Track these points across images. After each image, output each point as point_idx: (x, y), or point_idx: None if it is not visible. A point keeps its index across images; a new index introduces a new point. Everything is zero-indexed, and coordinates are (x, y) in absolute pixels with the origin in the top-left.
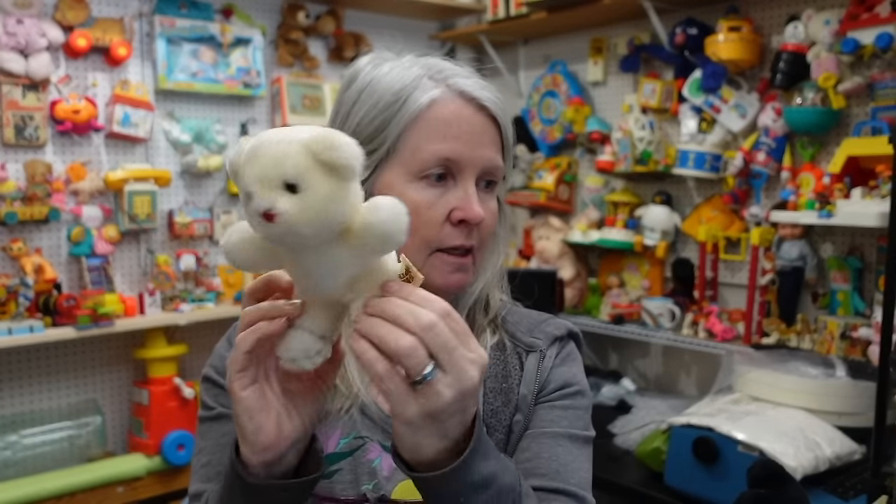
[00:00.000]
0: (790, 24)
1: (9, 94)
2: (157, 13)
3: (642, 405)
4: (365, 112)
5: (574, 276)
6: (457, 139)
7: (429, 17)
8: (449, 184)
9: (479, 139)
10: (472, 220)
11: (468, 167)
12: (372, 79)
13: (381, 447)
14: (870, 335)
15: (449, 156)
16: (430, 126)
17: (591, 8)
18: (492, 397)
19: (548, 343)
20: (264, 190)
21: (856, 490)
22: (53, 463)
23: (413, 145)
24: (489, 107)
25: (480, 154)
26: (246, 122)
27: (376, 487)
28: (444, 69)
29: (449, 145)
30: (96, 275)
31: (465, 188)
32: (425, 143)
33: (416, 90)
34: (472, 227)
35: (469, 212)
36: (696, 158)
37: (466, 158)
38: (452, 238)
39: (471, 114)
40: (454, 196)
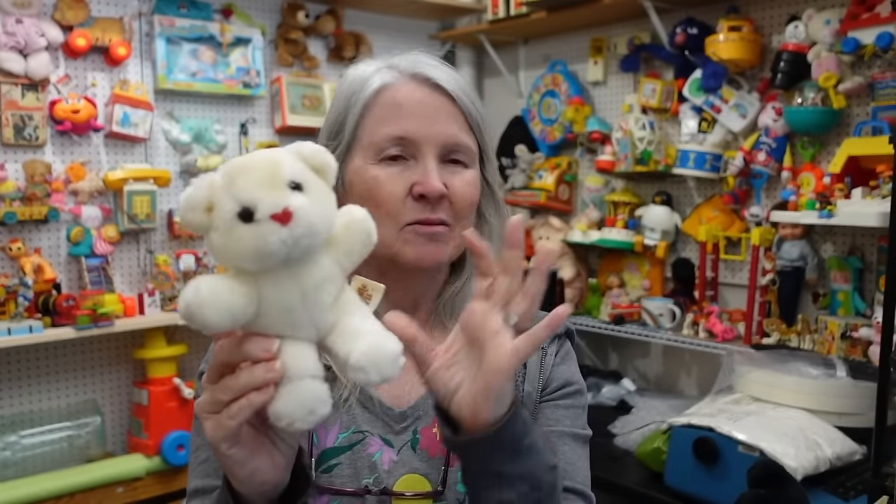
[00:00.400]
0: (790, 24)
1: (8, 93)
2: (156, 13)
3: (642, 405)
4: (332, 109)
5: (574, 276)
6: (408, 118)
7: (429, 17)
8: (410, 162)
9: (433, 117)
10: (430, 193)
11: (425, 144)
12: (344, 78)
13: (381, 441)
14: (870, 335)
15: (401, 135)
16: (382, 110)
17: (592, 8)
18: None
19: (548, 341)
20: (271, 192)
21: (856, 490)
22: (53, 463)
23: (369, 130)
24: (444, 85)
25: (437, 130)
26: (245, 121)
27: (377, 481)
28: (406, 59)
29: (401, 125)
30: (96, 275)
31: (425, 164)
32: (379, 127)
33: (370, 79)
34: (435, 202)
35: (426, 185)
36: (697, 158)
37: (422, 136)
38: (415, 212)
39: (424, 94)
40: (414, 172)
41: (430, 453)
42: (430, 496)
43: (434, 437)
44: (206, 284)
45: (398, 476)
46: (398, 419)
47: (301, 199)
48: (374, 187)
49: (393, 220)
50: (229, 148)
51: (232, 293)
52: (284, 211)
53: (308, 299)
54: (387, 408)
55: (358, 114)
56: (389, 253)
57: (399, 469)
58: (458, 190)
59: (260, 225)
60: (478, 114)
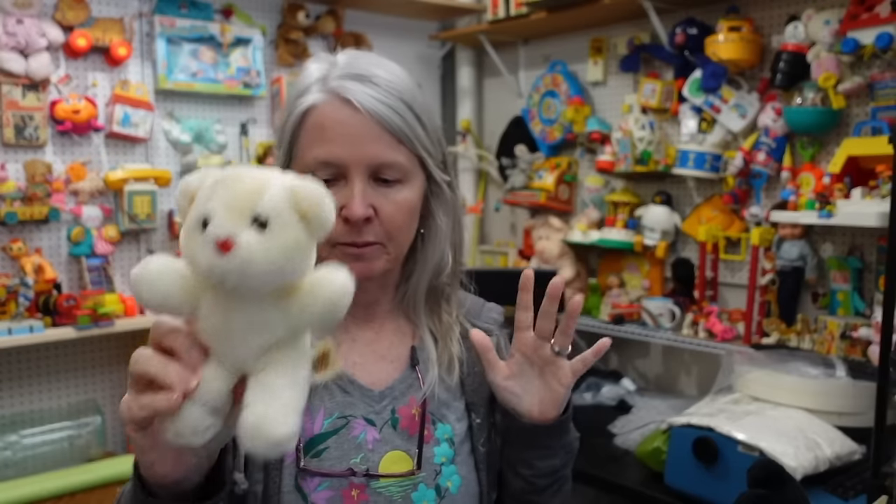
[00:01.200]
0: (790, 24)
1: (9, 94)
2: (156, 13)
3: (642, 405)
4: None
5: (574, 276)
6: (333, 142)
7: (429, 17)
8: (340, 184)
9: (359, 139)
10: (352, 217)
11: (352, 166)
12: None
13: (364, 421)
14: (870, 335)
15: (326, 159)
16: (308, 133)
17: (591, 8)
18: (469, 379)
19: (498, 328)
20: (229, 216)
21: (856, 490)
22: (53, 463)
23: (300, 152)
24: (364, 106)
25: (362, 153)
26: (246, 122)
27: (363, 460)
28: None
29: (325, 149)
30: (96, 275)
31: (352, 187)
32: (307, 150)
33: (302, 97)
34: (360, 225)
35: (350, 211)
36: (696, 158)
37: (347, 158)
38: (343, 236)
39: (348, 115)
40: (343, 195)
41: (409, 432)
42: (410, 475)
43: (412, 416)
44: (157, 264)
45: (383, 453)
46: (377, 399)
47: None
48: None
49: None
50: (230, 148)
51: (175, 282)
52: (226, 241)
53: (234, 335)
54: (366, 389)
55: (290, 134)
56: None
57: (382, 447)
58: (386, 211)
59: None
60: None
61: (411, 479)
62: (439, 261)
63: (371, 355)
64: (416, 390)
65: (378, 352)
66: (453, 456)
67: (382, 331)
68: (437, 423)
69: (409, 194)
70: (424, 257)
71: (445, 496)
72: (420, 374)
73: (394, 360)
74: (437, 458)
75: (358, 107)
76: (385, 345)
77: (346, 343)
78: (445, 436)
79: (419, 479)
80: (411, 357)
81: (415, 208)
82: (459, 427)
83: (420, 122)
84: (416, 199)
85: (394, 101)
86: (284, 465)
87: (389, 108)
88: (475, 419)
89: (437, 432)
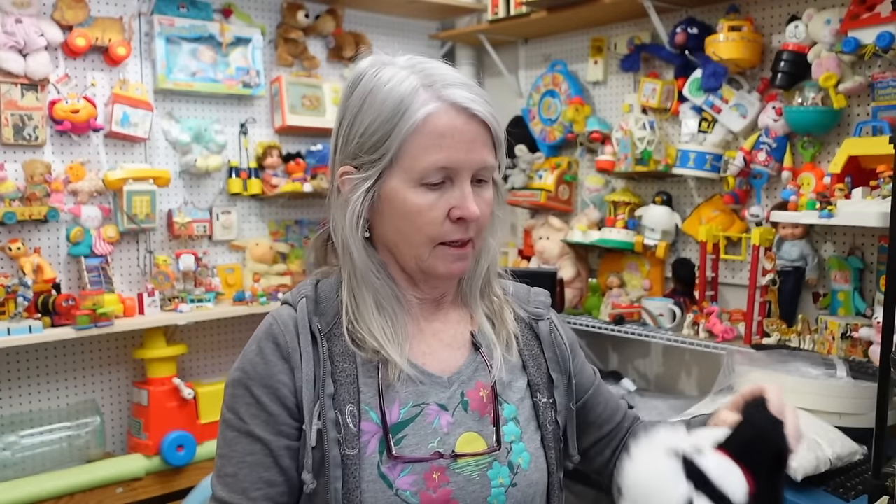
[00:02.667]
0: (791, 24)
1: (7, 93)
2: (156, 13)
3: (643, 405)
4: (369, 123)
5: (574, 276)
6: (451, 148)
7: (429, 17)
8: (447, 186)
9: (471, 145)
10: (469, 217)
11: (463, 170)
12: (373, 87)
13: (437, 407)
14: (871, 335)
15: (445, 164)
16: (426, 138)
17: (592, 7)
18: (530, 361)
19: (547, 310)
20: None
21: (857, 491)
22: (52, 463)
23: (413, 155)
24: (479, 114)
25: (473, 158)
26: (245, 121)
27: (440, 444)
28: (437, 78)
29: (445, 154)
30: (95, 275)
31: (462, 189)
32: (424, 154)
33: (413, 104)
34: (468, 223)
35: (465, 210)
36: (697, 158)
37: (461, 163)
38: (452, 233)
39: (463, 122)
40: (452, 197)
41: (480, 413)
42: (488, 453)
43: (480, 399)
44: None
45: (457, 435)
46: (447, 385)
47: None
48: (414, 212)
49: (429, 240)
50: (229, 148)
51: None
52: None
53: None
54: (436, 377)
55: (402, 137)
56: (422, 266)
57: (457, 429)
58: (483, 210)
59: None
60: (501, 131)
61: (487, 457)
62: (496, 251)
63: (438, 344)
64: (482, 372)
65: (444, 340)
66: (520, 434)
67: (447, 321)
68: (504, 403)
69: (490, 193)
70: (487, 249)
71: (518, 472)
72: (484, 356)
73: (459, 347)
74: (508, 437)
75: (474, 113)
76: (450, 333)
77: (416, 335)
78: (512, 415)
79: (493, 458)
80: (472, 342)
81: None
82: (523, 406)
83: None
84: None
85: (490, 107)
86: (364, 457)
87: (492, 115)
88: (540, 398)
89: (504, 412)
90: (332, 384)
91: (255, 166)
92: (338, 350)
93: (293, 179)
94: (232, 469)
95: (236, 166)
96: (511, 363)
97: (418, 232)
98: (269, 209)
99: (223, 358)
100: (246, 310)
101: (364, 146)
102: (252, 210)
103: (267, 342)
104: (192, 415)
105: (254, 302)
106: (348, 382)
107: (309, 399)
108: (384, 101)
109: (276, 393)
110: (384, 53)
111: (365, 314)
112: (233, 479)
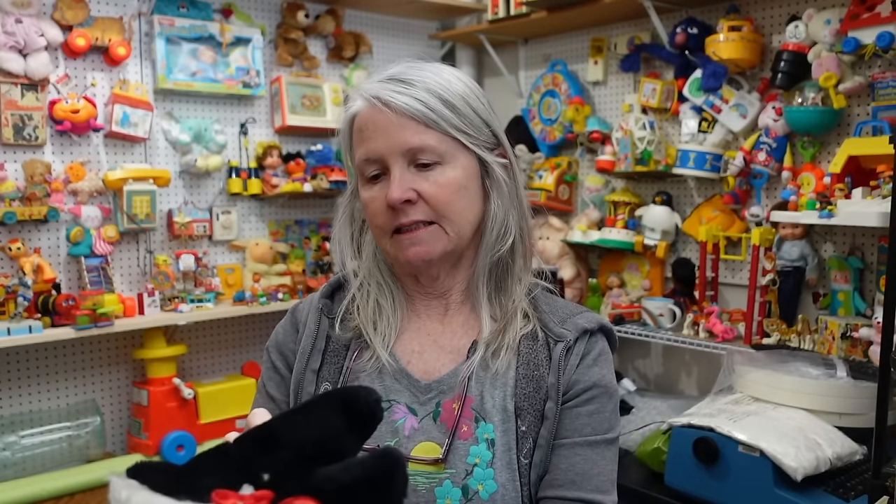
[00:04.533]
0: (791, 24)
1: (7, 93)
2: (156, 13)
3: (643, 405)
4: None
5: (574, 276)
6: (369, 139)
7: (429, 17)
8: (384, 178)
9: (390, 131)
10: (390, 202)
11: (389, 157)
12: None
13: (407, 409)
14: (871, 335)
15: (367, 156)
16: (355, 137)
17: (592, 7)
18: (524, 383)
19: (576, 335)
20: None
21: (857, 491)
22: (52, 463)
23: (353, 157)
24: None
25: (395, 142)
26: (245, 121)
27: (396, 444)
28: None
29: (364, 147)
30: (95, 275)
31: (391, 176)
32: (356, 153)
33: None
34: (401, 208)
35: (388, 197)
36: (697, 158)
37: (382, 150)
38: (393, 220)
39: (377, 112)
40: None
41: (447, 426)
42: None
43: (453, 410)
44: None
45: (417, 442)
46: (423, 391)
47: None
48: (366, 207)
49: (383, 232)
50: (229, 148)
51: None
52: None
53: None
54: (415, 380)
55: (347, 146)
56: (392, 257)
57: (418, 436)
58: (428, 191)
59: None
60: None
61: (437, 474)
62: (495, 241)
63: (431, 346)
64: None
65: (439, 342)
66: (491, 459)
67: (450, 323)
68: (481, 421)
69: (451, 174)
70: (482, 239)
71: (473, 499)
72: (472, 367)
73: (452, 352)
74: (471, 458)
75: (386, 102)
76: (448, 337)
77: (411, 331)
78: (486, 435)
79: (445, 476)
80: (469, 350)
81: (461, 186)
82: (504, 430)
83: (449, 106)
84: (463, 178)
85: (419, 92)
86: None
87: (413, 99)
88: (520, 426)
89: (477, 430)
90: (319, 360)
91: (255, 166)
92: (337, 332)
93: (293, 179)
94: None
95: (236, 166)
96: (504, 380)
97: (373, 225)
98: (269, 209)
99: (223, 358)
100: (246, 310)
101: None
102: (252, 210)
103: (290, 315)
104: (192, 415)
105: (254, 302)
106: (334, 362)
107: (298, 370)
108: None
109: (286, 358)
110: (384, 58)
111: (364, 303)
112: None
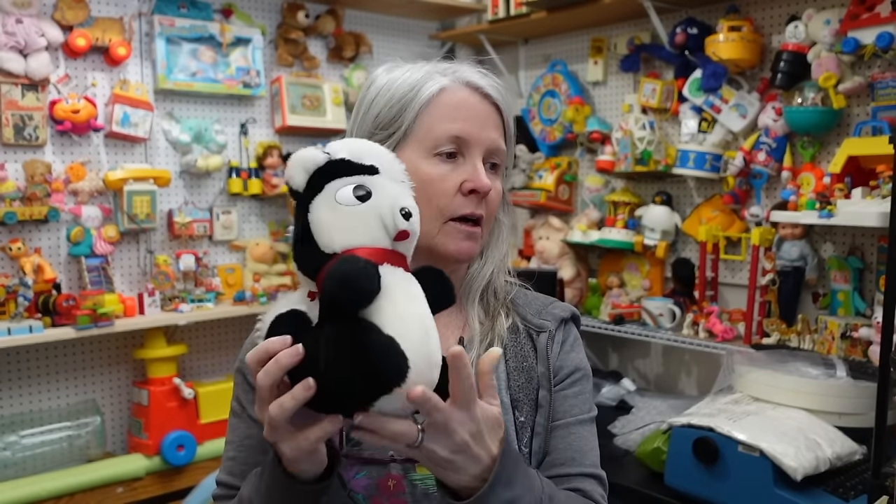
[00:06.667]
0: (791, 24)
1: (8, 93)
2: (156, 13)
3: (642, 405)
4: (384, 103)
5: (574, 276)
6: (465, 121)
7: (429, 17)
8: (459, 160)
9: (484, 122)
10: (481, 189)
11: (475, 145)
12: (388, 79)
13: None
14: (870, 335)
15: (458, 134)
16: (441, 110)
17: (592, 7)
18: (516, 375)
19: (555, 324)
20: None
21: (856, 490)
22: (53, 463)
23: (427, 126)
24: (492, 94)
25: (486, 135)
26: (245, 121)
27: (400, 451)
28: (452, 66)
29: (458, 125)
30: (96, 275)
31: (474, 163)
32: (438, 124)
33: (428, 81)
34: (480, 197)
35: (478, 182)
36: (697, 158)
37: (474, 137)
38: (464, 207)
39: (476, 100)
40: (464, 170)
41: None
42: None
43: None
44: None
45: None
46: None
47: None
48: (427, 182)
49: (439, 213)
50: (229, 148)
51: None
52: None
53: None
54: None
55: (417, 109)
56: (429, 244)
57: None
58: (493, 193)
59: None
60: (513, 125)
61: None
62: (501, 259)
63: None
64: None
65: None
66: None
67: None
68: None
69: (500, 185)
70: (489, 252)
71: None
72: None
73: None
74: None
75: (488, 94)
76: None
77: None
78: None
79: None
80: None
81: (501, 200)
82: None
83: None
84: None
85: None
86: None
87: (506, 104)
88: (518, 417)
89: None
90: None
91: (255, 166)
92: None
93: None
94: (233, 453)
95: (236, 166)
96: (497, 374)
97: (428, 204)
98: (269, 209)
99: (223, 358)
100: (246, 310)
101: (379, 124)
102: (252, 210)
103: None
104: (192, 415)
105: (254, 302)
106: None
107: None
108: (400, 85)
109: None
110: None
111: None
112: (232, 462)
